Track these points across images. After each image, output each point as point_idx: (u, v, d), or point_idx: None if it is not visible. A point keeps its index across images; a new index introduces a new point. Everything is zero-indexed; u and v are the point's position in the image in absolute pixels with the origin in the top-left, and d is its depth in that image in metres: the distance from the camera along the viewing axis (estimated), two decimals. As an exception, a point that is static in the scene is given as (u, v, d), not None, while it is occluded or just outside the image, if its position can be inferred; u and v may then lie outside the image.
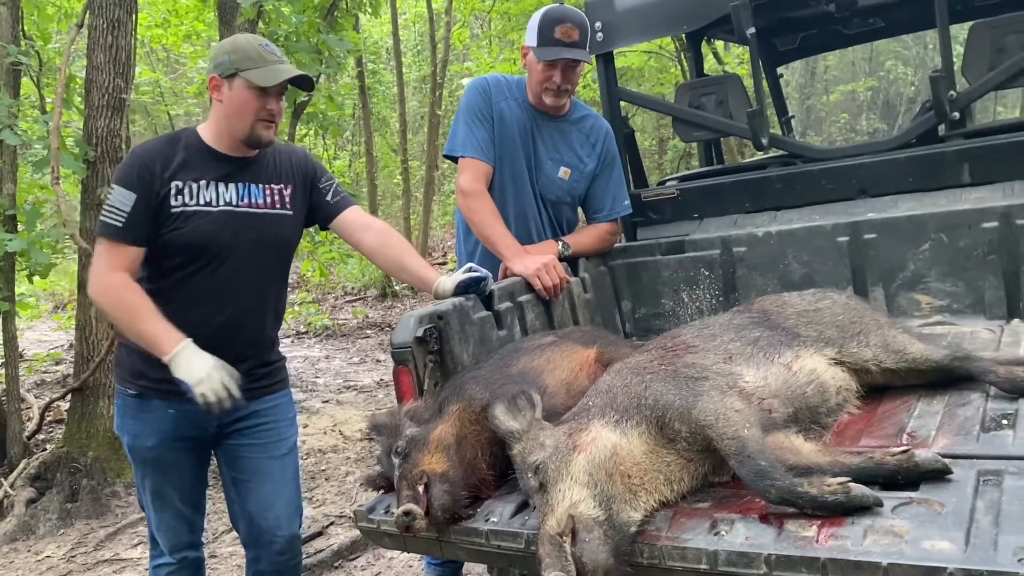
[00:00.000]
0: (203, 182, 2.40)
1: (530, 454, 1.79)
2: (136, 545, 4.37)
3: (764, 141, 3.15)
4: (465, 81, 7.75)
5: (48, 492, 4.75)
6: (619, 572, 1.57)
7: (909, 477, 1.62)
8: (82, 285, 5.04)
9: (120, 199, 2.32)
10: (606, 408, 1.85)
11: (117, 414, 2.52)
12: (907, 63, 18.79)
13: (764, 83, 3.95)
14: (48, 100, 5.39)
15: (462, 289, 2.52)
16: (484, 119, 3.00)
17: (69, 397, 5.21)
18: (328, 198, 2.63)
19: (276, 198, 2.51)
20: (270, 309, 2.57)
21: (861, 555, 1.43)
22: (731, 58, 10.07)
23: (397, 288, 11.13)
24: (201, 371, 2.22)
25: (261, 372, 2.55)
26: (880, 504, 1.55)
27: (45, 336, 10.33)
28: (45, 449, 5.39)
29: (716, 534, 1.61)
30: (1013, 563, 1.33)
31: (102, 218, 2.35)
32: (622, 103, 3.69)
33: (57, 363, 8.45)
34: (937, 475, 1.62)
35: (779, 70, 5.08)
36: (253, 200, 2.46)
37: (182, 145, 2.41)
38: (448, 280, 2.57)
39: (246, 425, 2.53)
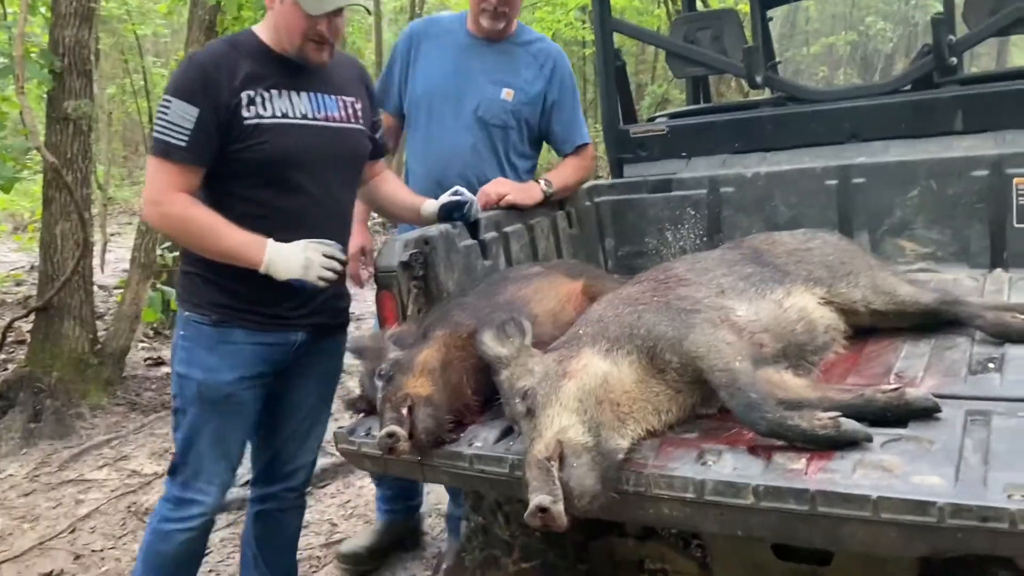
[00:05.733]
0: (275, 91, 2.18)
1: (518, 380, 1.77)
2: (102, 467, 4.32)
3: (759, 79, 3.09)
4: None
5: (11, 411, 4.66)
6: (606, 498, 1.55)
7: (898, 415, 1.62)
8: (48, 202, 4.86)
9: (181, 114, 2.07)
10: (597, 337, 1.83)
11: (183, 347, 2.27)
12: (887, 18, 18.71)
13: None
14: (11, 11, 5.12)
15: (446, 212, 2.46)
16: (398, 65, 3.05)
17: (32, 317, 5.07)
18: (378, 135, 2.52)
19: (350, 111, 2.34)
20: (348, 229, 2.44)
21: (851, 488, 1.42)
22: (716, 1, 9.91)
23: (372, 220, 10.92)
24: (299, 259, 2.12)
25: (339, 306, 2.45)
26: (870, 439, 1.54)
27: (5, 257, 10.05)
28: (6, 369, 5.27)
29: (703, 464, 1.59)
30: (1003, 499, 1.33)
31: (158, 135, 2.11)
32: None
33: (18, 284, 8.24)
34: (927, 414, 1.62)
35: (768, 13, 4.99)
36: (329, 112, 2.27)
37: (245, 50, 2.19)
38: (433, 203, 2.51)
39: (312, 362, 2.41)
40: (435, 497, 3.77)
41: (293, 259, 2.12)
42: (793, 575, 1.98)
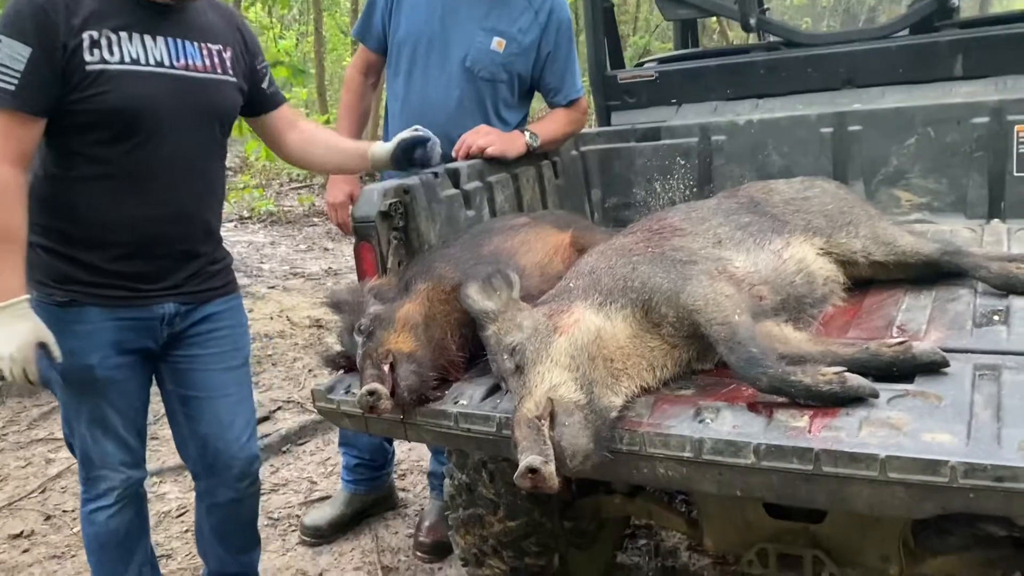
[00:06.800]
0: (124, 33, 1.94)
1: (506, 335, 1.70)
2: (73, 425, 4.22)
3: (752, 22, 2.97)
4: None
5: (-24, 370, 4.52)
6: (598, 457, 1.49)
7: (905, 370, 1.56)
8: None
9: (9, 54, 1.81)
10: (589, 290, 1.76)
11: None
12: (873, -31, 18.51)
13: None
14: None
15: (403, 152, 2.31)
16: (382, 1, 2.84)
17: None
18: (264, 85, 2.32)
19: (215, 60, 2.13)
20: (217, 194, 2.28)
21: (857, 447, 1.36)
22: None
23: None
24: (9, 346, 1.84)
25: (214, 270, 2.26)
26: (876, 395, 1.48)
27: None
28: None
29: (701, 422, 1.53)
30: (1019, 456, 1.27)
31: None
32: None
33: None
34: (934, 368, 1.55)
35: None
36: (190, 61, 2.06)
37: None
38: (384, 145, 2.36)
39: (200, 331, 2.23)
40: (416, 454, 3.74)
41: (4, 339, 1.84)
42: (784, 532, 1.97)
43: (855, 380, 1.49)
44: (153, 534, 2.50)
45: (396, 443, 3.38)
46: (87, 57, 1.89)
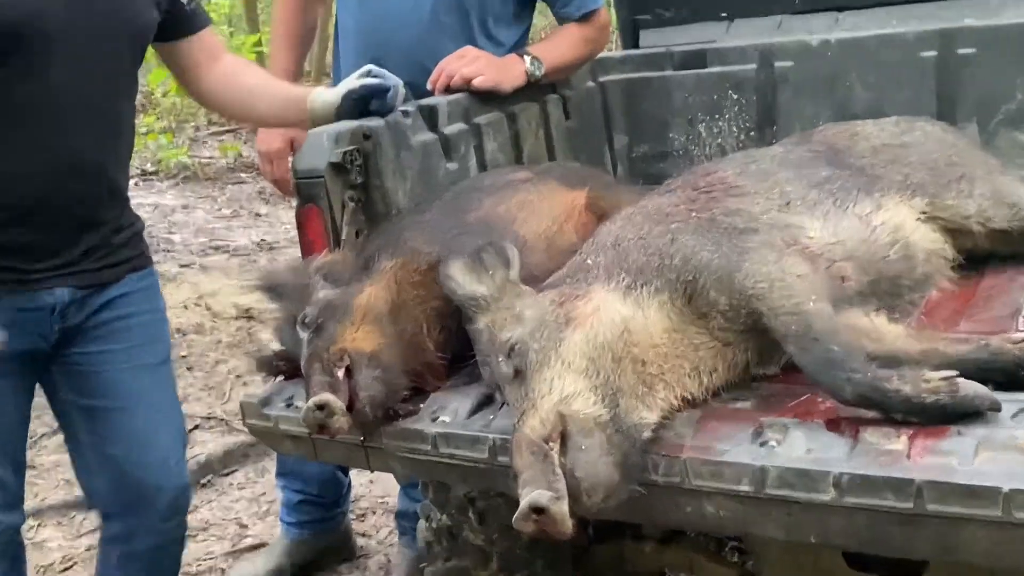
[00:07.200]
0: None
1: (503, 329, 1.73)
2: None
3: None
4: None
5: None
6: (626, 492, 1.51)
7: (1036, 373, 1.57)
8: None
9: None
10: (613, 269, 1.78)
11: None
12: None
13: None
14: None
15: (353, 103, 2.29)
16: None
17: None
18: (184, 1, 2.34)
19: None
20: (125, 140, 2.30)
21: (973, 478, 1.37)
22: None
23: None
24: None
25: (119, 240, 2.27)
26: (998, 408, 1.49)
27: None
28: None
29: (763, 445, 1.55)
30: None
31: None
32: None
33: None
34: (1076, 371, 1.57)
35: None
36: None
37: None
38: (330, 92, 2.36)
39: (103, 320, 2.24)
40: (381, 488, 3.75)
41: None
42: (869, 590, 2.00)
43: (970, 388, 1.49)
44: (31, 595, 2.52)
45: (354, 474, 3.39)
46: None
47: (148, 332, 2.33)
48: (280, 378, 2.05)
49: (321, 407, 1.69)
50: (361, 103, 2.29)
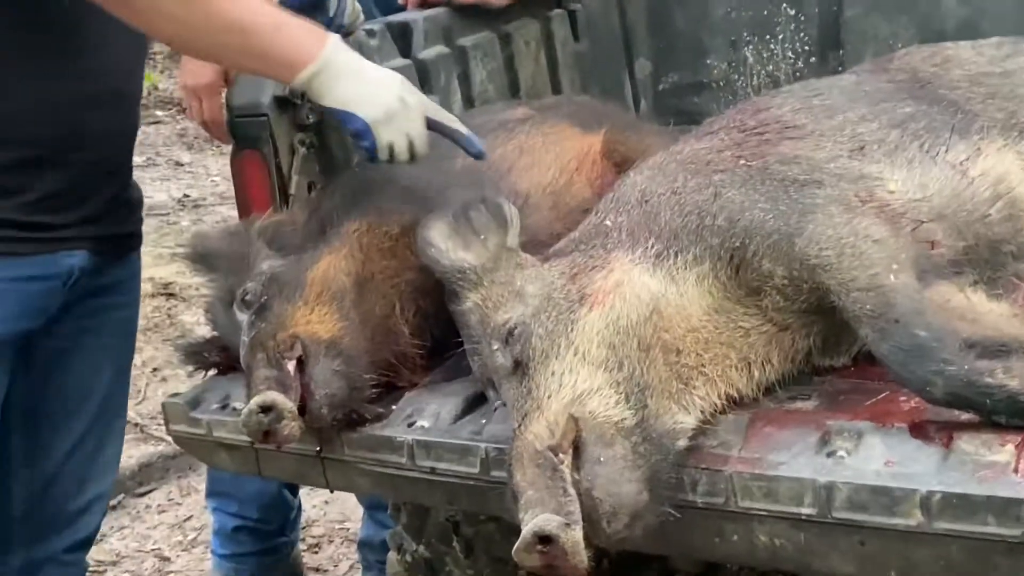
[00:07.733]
0: None
1: (498, 309, 1.75)
2: None
3: None
4: None
5: None
6: (655, 516, 1.53)
7: None
8: None
9: None
10: (639, 232, 1.80)
11: None
12: None
13: None
14: None
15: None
16: None
17: None
18: None
19: None
20: (142, 70, 2.36)
21: (1098, 496, 1.39)
22: None
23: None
24: (390, 96, 1.98)
25: (132, 201, 2.36)
26: None
27: None
28: None
29: (830, 455, 1.57)
30: None
31: None
32: None
33: None
34: None
35: None
36: None
37: None
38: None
39: (97, 305, 2.30)
40: (339, 510, 3.79)
41: (383, 88, 2.01)
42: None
43: (1095, 385, 1.51)
44: None
45: (304, 493, 3.41)
46: None
47: (128, 330, 2.42)
48: (212, 372, 2.07)
49: (266, 409, 1.69)
50: (306, 13, 2.29)
